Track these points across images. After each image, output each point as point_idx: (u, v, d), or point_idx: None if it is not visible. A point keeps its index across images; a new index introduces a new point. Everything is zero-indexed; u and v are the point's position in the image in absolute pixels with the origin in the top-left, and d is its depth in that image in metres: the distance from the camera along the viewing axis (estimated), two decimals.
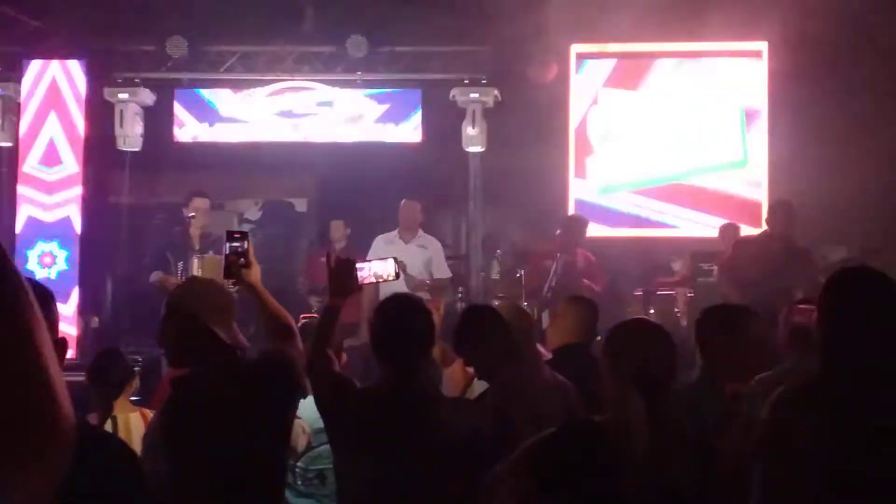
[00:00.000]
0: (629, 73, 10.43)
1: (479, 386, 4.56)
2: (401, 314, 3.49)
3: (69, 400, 1.02)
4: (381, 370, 3.52)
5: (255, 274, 3.57)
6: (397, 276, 3.87)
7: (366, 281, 3.77)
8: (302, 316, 5.15)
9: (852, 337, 2.78)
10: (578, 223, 9.21)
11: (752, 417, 3.51)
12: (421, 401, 3.41)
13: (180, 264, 8.24)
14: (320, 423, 3.66)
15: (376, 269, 3.82)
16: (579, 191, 10.30)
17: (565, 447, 2.82)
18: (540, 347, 4.64)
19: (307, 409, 4.01)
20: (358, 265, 3.70)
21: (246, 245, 3.55)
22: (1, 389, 0.96)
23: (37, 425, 0.98)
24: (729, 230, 8.90)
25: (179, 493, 3.24)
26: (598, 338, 4.78)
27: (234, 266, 3.53)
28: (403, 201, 9.14)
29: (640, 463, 2.67)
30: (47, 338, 1.03)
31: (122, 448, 2.72)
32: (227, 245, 3.55)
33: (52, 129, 10.14)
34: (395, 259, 3.88)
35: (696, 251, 9.19)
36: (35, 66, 10.25)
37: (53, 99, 10.18)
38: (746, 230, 8.99)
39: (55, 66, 10.24)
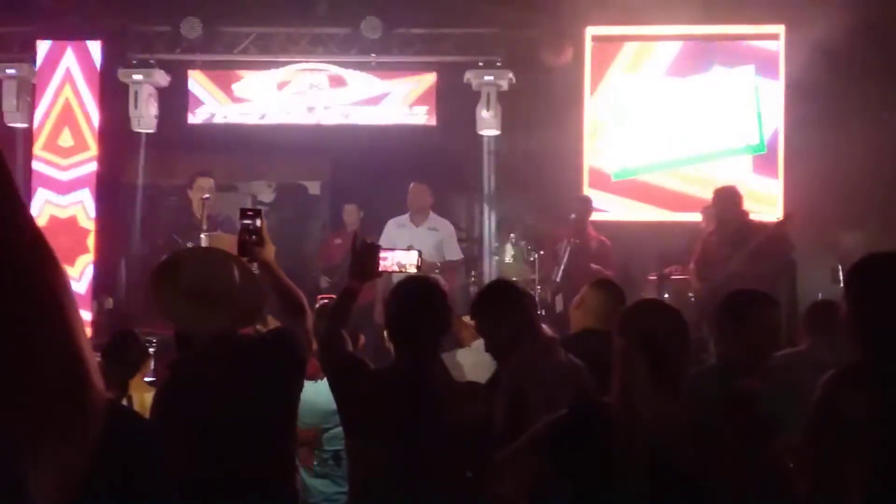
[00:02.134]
0: (645, 56, 10.37)
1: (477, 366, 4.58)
2: (417, 297, 3.47)
3: (99, 374, 1.03)
4: (395, 352, 3.51)
5: (269, 252, 3.55)
6: (418, 268, 3.87)
7: (388, 269, 3.77)
8: (320, 297, 5.15)
9: (887, 322, 2.78)
10: (586, 204, 9.25)
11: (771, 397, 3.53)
12: (434, 385, 3.40)
13: (189, 245, 8.24)
14: (335, 405, 3.67)
15: (399, 259, 3.83)
16: (594, 175, 10.26)
17: (574, 428, 2.83)
18: (546, 329, 4.63)
19: (321, 391, 4.01)
20: (382, 253, 3.69)
21: (259, 222, 3.54)
22: (33, 362, 0.97)
23: (68, 398, 0.99)
24: (711, 210, 8.95)
25: (177, 477, 3.24)
26: None
27: (248, 244, 3.52)
28: (412, 185, 9.16)
29: (646, 440, 2.66)
30: (78, 311, 1.04)
31: (146, 423, 2.74)
32: (241, 223, 3.54)
33: (67, 110, 10.15)
34: (419, 252, 3.88)
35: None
36: (49, 46, 10.24)
37: (68, 80, 10.17)
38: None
39: (70, 46, 10.23)
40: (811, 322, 4.90)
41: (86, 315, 9.44)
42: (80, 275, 9.78)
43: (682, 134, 10.19)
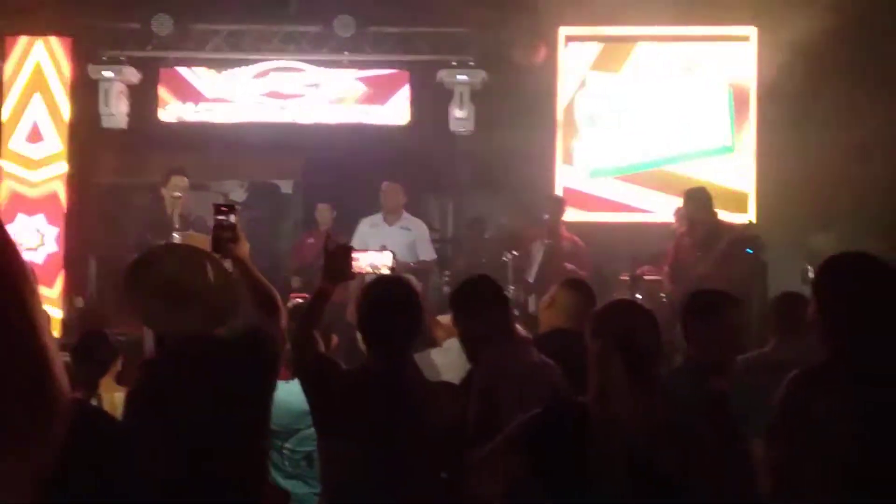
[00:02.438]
0: (617, 56, 10.39)
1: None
2: (389, 298, 3.45)
3: (65, 374, 1.01)
4: (367, 353, 3.49)
5: (243, 248, 3.51)
6: (392, 270, 3.85)
7: (361, 270, 3.75)
8: (293, 295, 5.12)
9: (858, 321, 2.80)
10: (559, 204, 9.27)
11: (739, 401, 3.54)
12: (407, 385, 3.39)
13: (161, 243, 8.18)
14: (307, 406, 3.64)
15: (372, 260, 3.82)
16: (567, 174, 10.28)
17: (550, 428, 2.83)
18: (520, 328, 4.62)
19: (293, 391, 3.98)
20: (354, 254, 3.66)
21: (233, 218, 3.49)
22: (2, 364, 0.96)
23: (35, 399, 0.98)
24: (683, 211, 9.01)
25: (148, 476, 3.20)
26: None
27: (222, 240, 3.47)
28: (385, 184, 9.14)
29: (624, 440, 2.67)
30: (45, 313, 1.02)
31: (115, 423, 2.71)
32: (215, 218, 3.49)
33: (37, 106, 10.05)
34: (393, 254, 3.87)
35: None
36: (19, 42, 10.15)
37: (38, 76, 10.08)
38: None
39: (39, 43, 10.14)
40: (775, 321, 4.91)
41: (55, 313, 9.37)
42: (51, 272, 9.71)
43: (655, 135, 10.23)
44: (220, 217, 3.48)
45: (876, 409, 2.71)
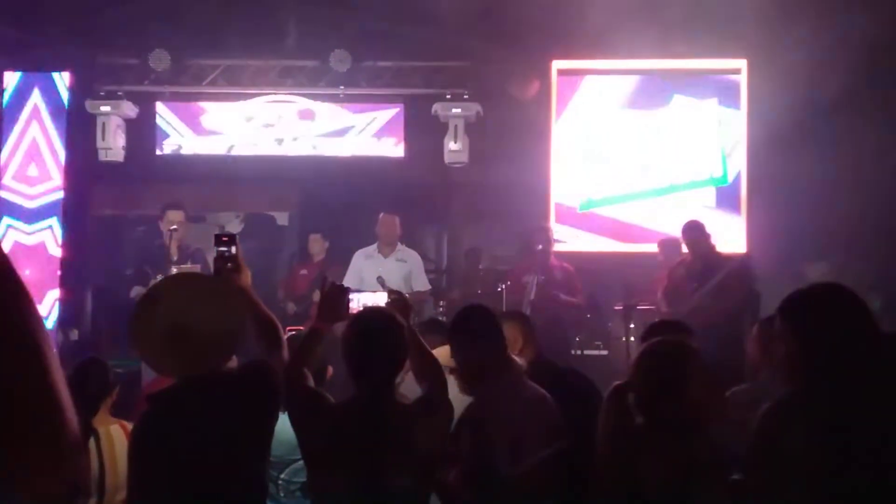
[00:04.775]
0: (610, 90, 10.49)
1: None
2: (373, 331, 3.46)
3: (73, 407, 1.03)
4: (353, 386, 3.50)
5: (245, 278, 3.52)
6: None
7: (354, 311, 3.76)
8: (288, 328, 5.12)
9: (830, 353, 2.81)
10: (549, 234, 9.32)
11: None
12: (392, 416, 3.41)
13: (159, 277, 8.22)
14: None
15: (366, 301, 3.84)
16: (561, 206, 10.34)
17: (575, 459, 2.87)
18: (516, 358, 4.63)
19: (287, 423, 4.00)
20: (350, 295, 3.70)
21: (234, 249, 3.50)
22: (13, 401, 0.98)
23: (46, 435, 0.99)
24: (668, 245, 9.04)
25: None
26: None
27: (224, 270, 3.50)
28: (381, 215, 9.17)
29: (631, 480, 2.69)
30: (52, 348, 1.04)
31: None
32: (216, 249, 3.50)
33: (34, 141, 10.12)
34: (389, 294, 3.88)
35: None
36: (17, 77, 10.23)
37: (35, 111, 10.16)
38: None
39: (37, 78, 10.22)
40: (766, 349, 4.70)
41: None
42: (48, 311, 9.71)
43: (646, 166, 10.30)
44: (221, 248, 3.49)
45: (849, 438, 2.73)
